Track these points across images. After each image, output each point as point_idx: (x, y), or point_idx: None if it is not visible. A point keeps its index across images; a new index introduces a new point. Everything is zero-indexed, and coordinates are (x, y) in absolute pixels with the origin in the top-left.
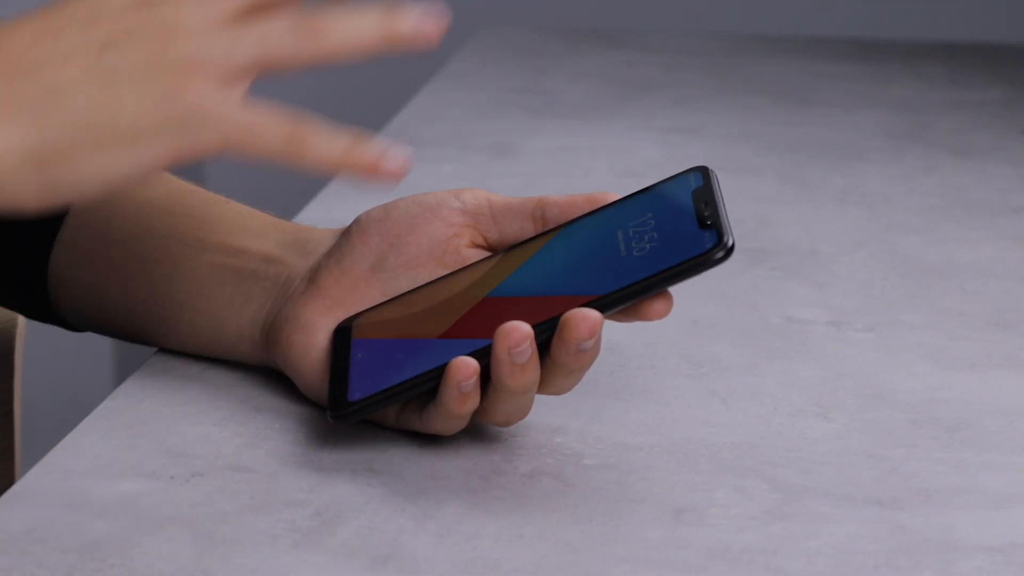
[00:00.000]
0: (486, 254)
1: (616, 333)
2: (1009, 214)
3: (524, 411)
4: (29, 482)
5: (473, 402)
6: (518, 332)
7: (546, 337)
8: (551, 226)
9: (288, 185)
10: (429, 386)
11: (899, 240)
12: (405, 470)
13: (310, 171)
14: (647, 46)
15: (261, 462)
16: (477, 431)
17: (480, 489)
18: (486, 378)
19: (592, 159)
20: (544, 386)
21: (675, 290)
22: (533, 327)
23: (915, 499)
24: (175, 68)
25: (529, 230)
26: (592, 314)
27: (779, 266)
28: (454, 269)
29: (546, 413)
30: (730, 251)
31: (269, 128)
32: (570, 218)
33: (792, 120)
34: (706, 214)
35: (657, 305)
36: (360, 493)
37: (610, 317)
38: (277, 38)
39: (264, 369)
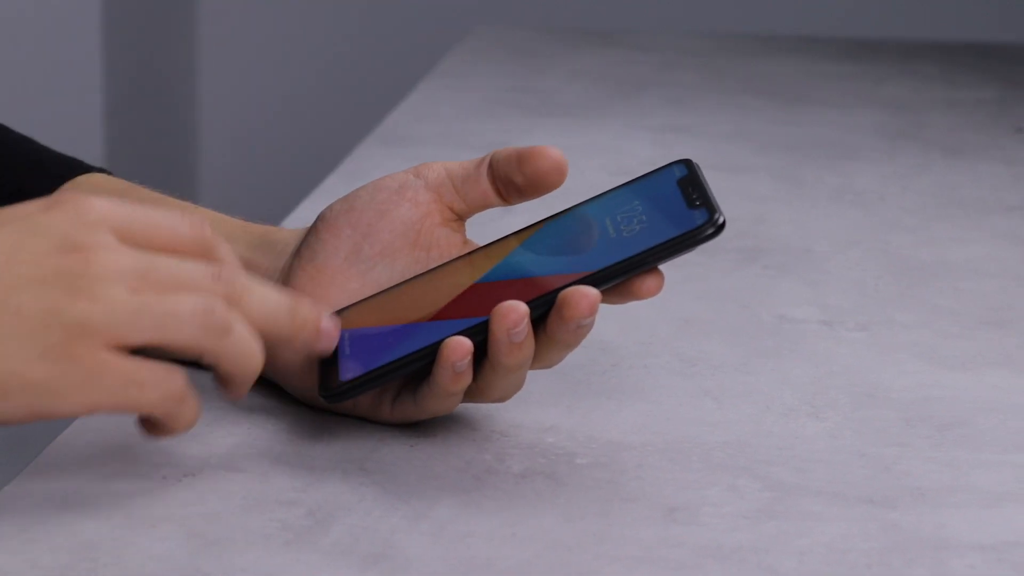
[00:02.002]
0: (459, 233)
1: (608, 332)
2: (1002, 213)
3: (519, 386)
4: (22, 482)
5: (466, 379)
6: (515, 313)
7: (540, 313)
8: (501, 182)
9: (282, 184)
10: (421, 364)
11: (892, 239)
12: (397, 469)
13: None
14: (641, 45)
15: (253, 462)
16: (469, 430)
17: (472, 488)
18: (480, 356)
19: (586, 158)
20: (536, 361)
21: (666, 289)
22: (527, 304)
23: (907, 498)
24: (68, 329)
25: (491, 190)
26: (591, 291)
27: (772, 265)
28: (426, 249)
29: (538, 413)
30: (721, 227)
31: (152, 382)
32: (509, 174)
33: (786, 119)
34: (694, 196)
35: (649, 282)
36: (352, 492)
37: (603, 298)
38: (181, 324)
39: None
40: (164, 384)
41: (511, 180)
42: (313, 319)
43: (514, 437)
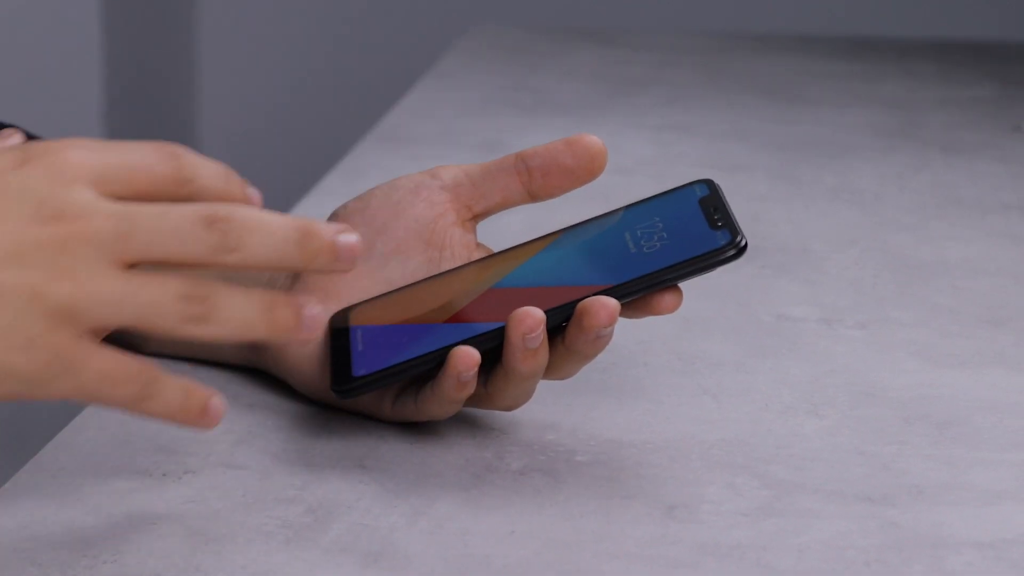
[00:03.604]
0: (471, 233)
1: None
2: (999, 211)
3: (529, 395)
4: (21, 479)
5: (470, 389)
6: (532, 318)
7: (556, 323)
8: (537, 177)
9: (281, 182)
10: (435, 365)
11: (890, 237)
12: (397, 467)
13: (156, 419)
14: (638, 44)
15: (253, 459)
16: (469, 428)
17: (472, 486)
18: (492, 363)
19: None
20: (551, 371)
21: None
22: (544, 312)
23: (906, 495)
24: (50, 316)
25: (515, 186)
26: (610, 301)
27: (770, 264)
28: (439, 248)
29: (538, 411)
30: (743, 250)
31: (124, 378)
32: (554, 165)
33: (783, 118)
34: (716, 217)
35: (668, 298)
36: (352, 490)
37: (621, 312)
38: (162, 309)
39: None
40: (136, 380)
41: (555, 166)
42: (328, 243)
43: (514, 435)
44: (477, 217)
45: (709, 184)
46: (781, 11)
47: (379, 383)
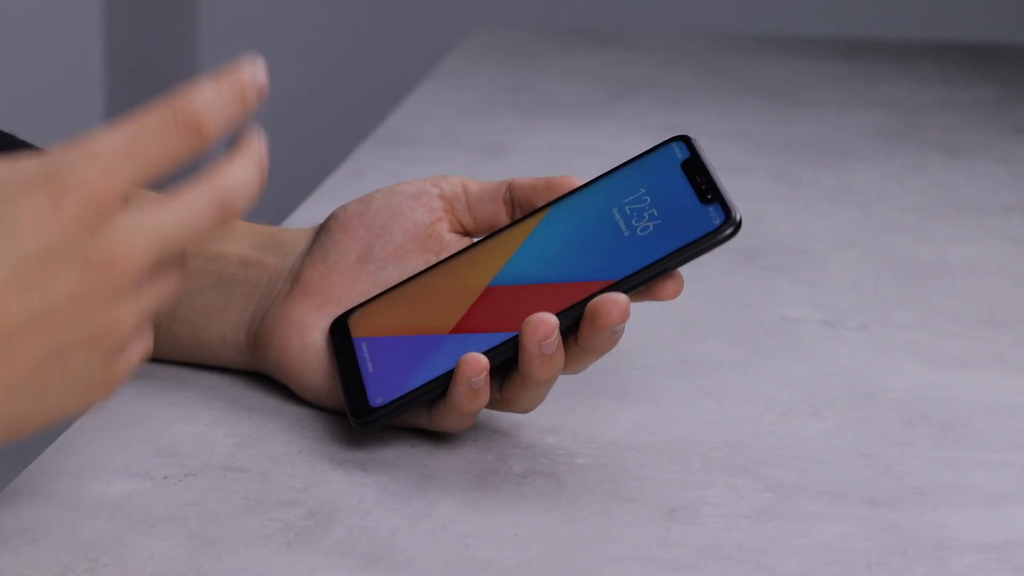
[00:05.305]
0: (466, 240)
1: None
2: (1000, 213)
3: (545, 396)
4: (22, 482)
5: (483, 398)
6: (546, 325)
7: (567, 324)
8: (519, 207)
9: (283, 184)
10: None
11: (890, 239)
12: (398, 470)
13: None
14: (638, 45)
15: (254, 462)
16: (470, 431)
17: (473, 489)
18: (506, 368)
19: (583, 158)
20: (564, 368)
21: None
22: (556, 314)
23: (908, 497)
24: (105, 359)
25: (501, 214)
26: (620, 298)
27: (771, 265)
28: (436, 253)
29: (539, 413)
30: (739, 226)
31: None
32: (531, 199)
33: (783, 119)
34: (704, 187)
35: (669, 285)
36: (353, 493)
37: None
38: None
39: None
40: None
41: (528, 205)
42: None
43: (515, 437)
44: (468, 234)
45: (687, 142)
46: (781, 12)
47: (398, 411)
